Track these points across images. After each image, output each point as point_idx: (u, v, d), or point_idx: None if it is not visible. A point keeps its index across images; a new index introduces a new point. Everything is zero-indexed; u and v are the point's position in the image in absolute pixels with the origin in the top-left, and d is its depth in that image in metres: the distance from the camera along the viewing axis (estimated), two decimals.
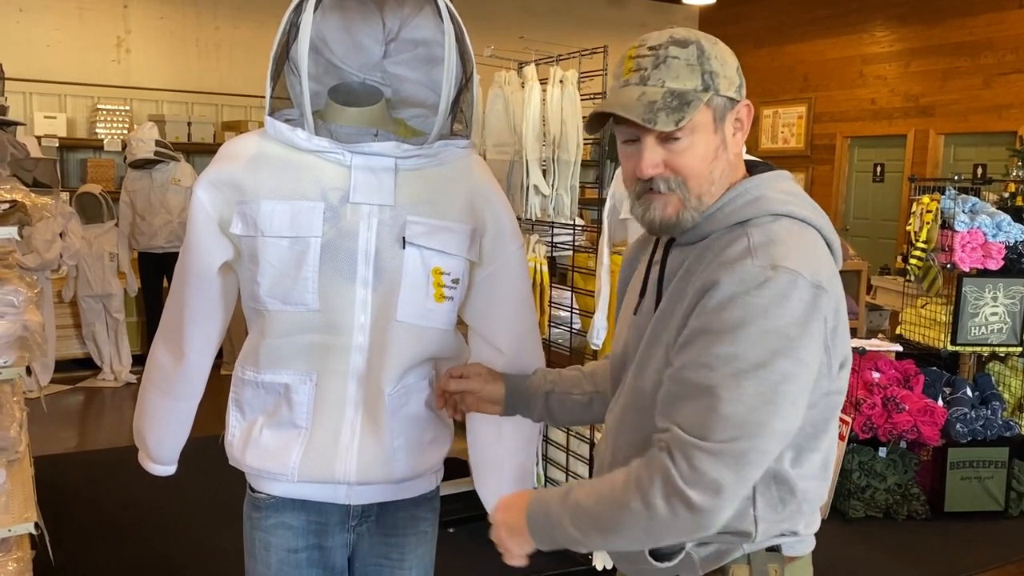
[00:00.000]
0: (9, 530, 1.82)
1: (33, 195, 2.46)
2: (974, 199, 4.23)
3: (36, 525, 1.84)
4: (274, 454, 1.54)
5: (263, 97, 1.56)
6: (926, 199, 4.29)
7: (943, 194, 4.23)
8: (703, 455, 1.13)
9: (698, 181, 1.24)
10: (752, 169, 1.33)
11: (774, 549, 1.28)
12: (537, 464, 3.67)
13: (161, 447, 1.76)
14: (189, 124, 7.06)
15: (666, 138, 1.22)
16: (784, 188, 1.28)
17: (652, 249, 1.39)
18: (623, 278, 1.53)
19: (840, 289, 1.25)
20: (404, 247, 1.53)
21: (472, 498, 4.13)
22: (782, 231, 1.21)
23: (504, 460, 1.74)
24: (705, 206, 1.25)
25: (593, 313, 3.20)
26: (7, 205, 2.01)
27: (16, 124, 3.33)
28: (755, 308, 1.13)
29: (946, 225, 4.16)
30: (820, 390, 1.22)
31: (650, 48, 1.24)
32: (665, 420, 1.19)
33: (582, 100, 3.36)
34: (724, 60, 1.24)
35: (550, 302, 3.57)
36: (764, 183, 1.27)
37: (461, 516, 3.76)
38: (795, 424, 1.18)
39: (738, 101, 1.26)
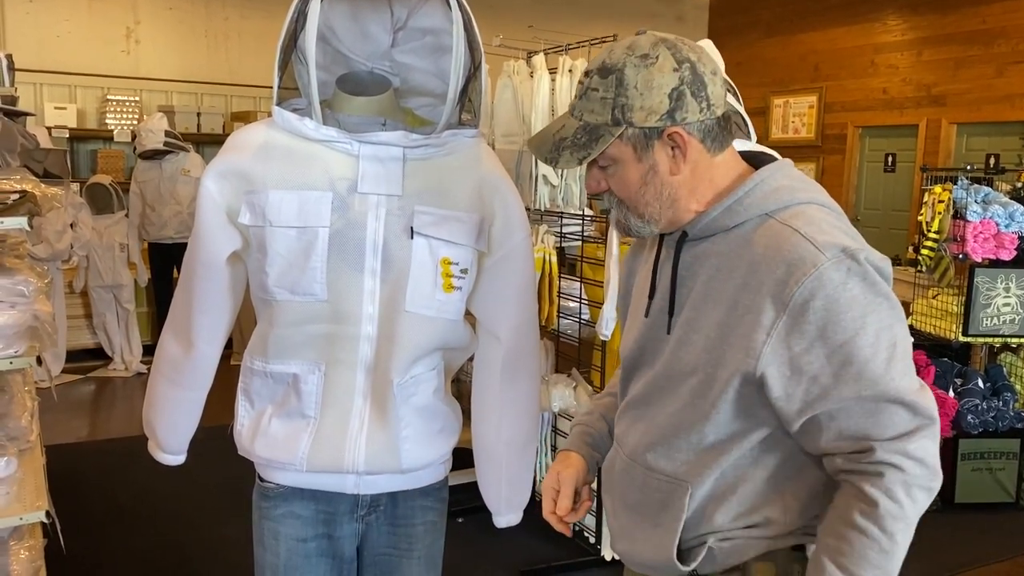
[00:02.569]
0: (21, 518, 1.83)
1: (43, 185, 2.46)
2: (987, 189, 4.20)
3: (47, 513, 1.85)
4: (283, 444, 1.54)
5: (272, 88, 1.55)
6: (938, 189, 4.25)
7: (955, 184, 4.19)
8: (922, 444, 1.15)
9: (633, 203, 1.26)
10: (754, 161, 1.31)
11: (799, 549, 1.26)
12: (547, 455, 3.67)
13: (170, 437, 1.76)
14: (199, 115, 7.07)
15: (597, 162, 1.26)
16: (797, 176, 1.27)
17: (657, 247, 1.35)
18: (626, 276, 1.50)
19: None
20: (412, 237, 1.52)
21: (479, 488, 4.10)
22: (821, 217, 1.20)
23: (503, 455, 1.74)
24: (654, 220, 1.26)
25: (602, 303, 3.19)
26: (17, 195, 2.01)
27: (26, 114, 3.33)
28: (858, 300, 1.14)
29: (958, 215, 4.13)
30: None
31: (586, 73, 1.24)
32: (852, 443, 1.17)
33: None
34: (648, 87, 1.18)
35: (559, 293, 3.56)
36: (779, 173, 1.25)
37: (470, 506, 3.77)
38: None
39: (663, 128, 1.20)
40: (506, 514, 1.78)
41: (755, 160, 1.31)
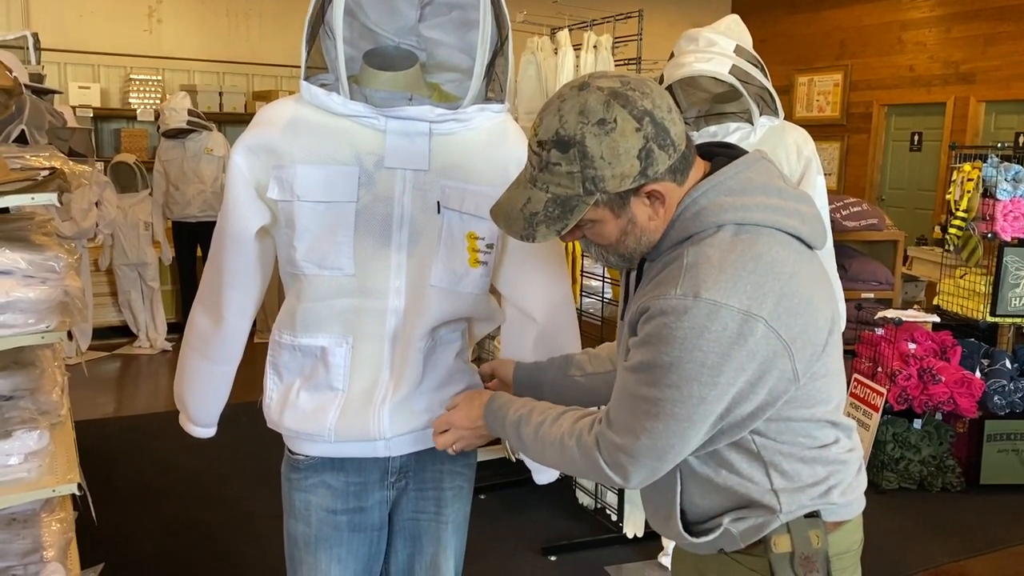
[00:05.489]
0: (53, 490, 1.85)
1: (71, 163, 2.47)
2: (1017, 167, 4.13)
3: (79, 486, 1.87)
4: (311, 416, 1.56)
5: (293, 67, 1.56)
6: (967, 167, 4.19)
7: (985, 162, 4.13)
8: (621, 455, 1.25)
9: (614, 248, 1.29)
10: (715, 159, 1.28)
11: (814, 515, 1.29)
12: None
13: (201, 410, 1.79)
14: (220, 94, 7.08)
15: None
16: (737, 184, 1.24)
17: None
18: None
19: (805, 282, 1.20)
20: (439, 211, 1.52)
21: (502, 465, 4.15)
22: (717, 249, 1.18)
23: None
24: (636, 255, 1.29)
25: None
26: (47, 172, 2.03)
27: (53, 92, 3.35)
28: (673, 337, 1.16)
29: (988, 194, 4.07)
30: (785, 390, 1.21)
31: (539, 144, 1.22)
32: (607, 408, 1.29)
33: (616, 66, 3.31)
34: (615, 155, 1.17)
35: (582, 271, 3.56)
36: (712, 188, 1.23)
37: (492, 483, 3.79)
38: (714, 429, 1.23)
39: (640, 187, 1.20)
40: (544, 471, 1.85)
41: (716, 159, 1.29)
